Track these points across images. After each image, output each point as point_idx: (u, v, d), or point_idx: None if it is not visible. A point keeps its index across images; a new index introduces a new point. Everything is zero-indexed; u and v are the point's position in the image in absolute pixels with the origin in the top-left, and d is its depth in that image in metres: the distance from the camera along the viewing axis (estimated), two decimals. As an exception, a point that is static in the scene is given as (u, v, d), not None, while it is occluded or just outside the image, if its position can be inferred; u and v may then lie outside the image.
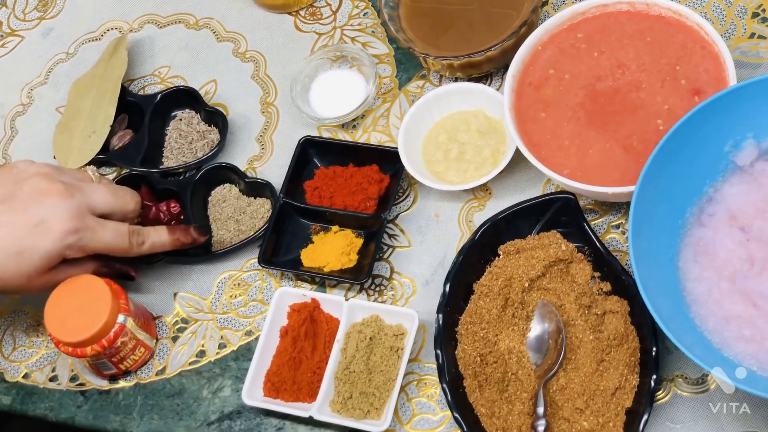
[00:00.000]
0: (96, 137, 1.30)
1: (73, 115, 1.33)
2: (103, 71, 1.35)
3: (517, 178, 1.18)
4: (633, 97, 1.11)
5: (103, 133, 1.30)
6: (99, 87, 1.33)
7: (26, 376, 1.20)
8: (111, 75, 1.33)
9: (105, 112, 1.30)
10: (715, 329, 0.99)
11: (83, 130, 1.31)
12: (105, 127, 1.30)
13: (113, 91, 1.31)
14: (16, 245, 1.07)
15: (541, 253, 1.09)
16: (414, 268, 1.16)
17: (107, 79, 1.33)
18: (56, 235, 1.07)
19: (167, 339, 1.18)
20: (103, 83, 1.33)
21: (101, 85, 1.33)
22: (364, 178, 1.20)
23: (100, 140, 1.30)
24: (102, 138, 1.29)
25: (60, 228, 1.08)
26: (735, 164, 1.04)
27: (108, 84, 1.32)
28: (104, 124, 1.30)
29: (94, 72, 1.36)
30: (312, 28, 1.34)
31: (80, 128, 1.31)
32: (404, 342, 1.10)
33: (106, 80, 1.33)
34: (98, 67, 1.36)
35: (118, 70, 1.33)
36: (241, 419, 1.12)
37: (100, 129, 1.30)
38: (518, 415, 1.03)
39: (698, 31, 1.11)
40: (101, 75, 1.34)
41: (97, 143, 1.30)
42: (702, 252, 1.02)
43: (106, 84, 1.33)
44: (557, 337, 1.05)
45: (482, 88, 1.20)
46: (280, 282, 1.18)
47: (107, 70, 1.34)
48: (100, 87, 1.33)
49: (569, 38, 1.15)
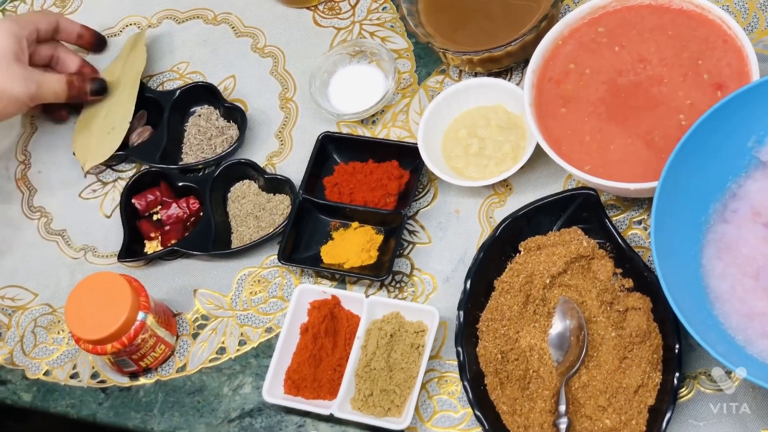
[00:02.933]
0: (115, 134, 1.30)
1: (93, 113, 1.33)
2: (121, 68, 1.34)
3: (537, 173, 1.17)
4: (655, 92, 1.10)
5: (122, 129, 1.29)
6: (118, 84, 1.33)
7: (47, 373, 1.20)
8: (130, 71, 1.33)
9: (124, 109, 1.30)
10: (738, 326, 0.98)
11: (102, 127, 1.31)
12: (124, 124, 1.29)
13: (132, 88, 1.31)
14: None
15: (562, 249, 1.08)
16: (434, 264, 1.16)
17: (126, 76, 1.33)
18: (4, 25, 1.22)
19: (187, 336, 1.18)
20: (121, 80, 1.33)
21: (120, 82, 1.33)
22: (383, 173, 1.19)
23: (119, 137, 1.29)
24: (121, 135, 1.29)
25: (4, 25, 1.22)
26: (758, 159, 1.03)
27: (127, 81, 1.32)
28: (123, 120, 1.30)
29: (113, 68, 1.36)
30: (331, 23, 1.34)
31: (99, 125, 1.31)
32: (425, 339, 1.09)
33: (125, 77, 1.33)
34: (117, 64, 1.36)
35: (138, 67, 1.32)
36: (262, 416, 1.12)
37: (119, 125, 1.30)
38: (540, 412, 1.02)
39: (720, 24, 1.10)
40: (120, 71, 1.34)
41: (116, 140, 1.29)
42: (725, 248, 1.01)
43: (125, 81, 1.33)
44: (579, 334, 1.05)
45: (502, 83, 1.19)
46: (300, 279, 1.18)
47: (126, 67, 1.34)
48: (119, 84, 1.33)
49: (590, 32, 1.15)
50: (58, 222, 1.30)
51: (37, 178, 1.34)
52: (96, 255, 1.26)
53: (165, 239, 1.23)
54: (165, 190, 1.26)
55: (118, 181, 1.31)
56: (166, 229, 1.24)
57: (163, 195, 1.26)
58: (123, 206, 1.25)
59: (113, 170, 1.32)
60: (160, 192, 1.26)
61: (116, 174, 1.31)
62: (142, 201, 1.26)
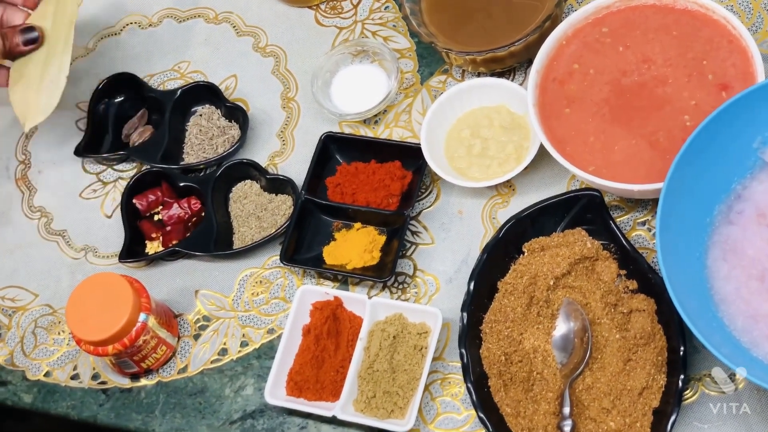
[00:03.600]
0: (54, 88, 1.22)
1: (26, 60, 1.23)
2: (53, 13, 1.23)
3: (541, 174, 1.16)
4: (659, 93, 1.09)
5: (60, 85, 1.21)
6: (50, 32, 1.23)
7: (48, 374, 1.19)
8: (62, 18, 1.23)
9: (60, 61, 1.22)
10: (743, 328, 0.98)
11: (40, 78, 1.23)
12: (61, 79, 1.21)
13: (66, 39, 1.22)
14: None
15: (566, 250, 1.07)
16: (437, 265, 1.15)
17: (58, 23, 1.23)
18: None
19: (189, 337, 1.18)
20: (54, 27, 1.23)
21: (53, 30, 1.23)
22: (386, 174, 1.19)
23: (57, 93, 1.22)
24: (59, 91, 1.21)
25: None
26: (764, 161, 1.03)
27: (59, 28, 1.22)
28: (61, 72, 1.21)
29: (42, 11, 1.24)
30: (333, 22, 1.33)
31: (35, 76, 1.23)
32: (428, 340, 1.09)
33: (57, 24, 1.23)
34: (46, 7, 1.24)
35: (69, 14, 1.23)
36: (264, 418, 1.11)
37: (56, 79, 1.22)
38: (544, 414, 1.02)
39: (725, 25, 1.10)
40: (52, 16, 1.23)
41: (55, 96, 1.22)
42: (730, 250, 1.01)
43: (58, 29, 1.23)
44: (583, 336, 1.04)
45: (505, 83, 1.19)
46: (302, 280, 1.18)
47: (57, 13, 1.23)
48: (52, 31, 1.23)
49: (594, 33, 1.14)
50: (59, 222, 1.29)
51: (37, 178, 1.34)
52: (97, 255, 1.25)
53: (166, 240, 1.23)
54: (166, 191, 1.25)
55: (119, 181, 1.30)
56: (168, 229, 1.23)
57: (165, 195, 1.25)
58: (124, 206, 1.25)
59: (114, 170, 1.31)
60: (161, 192, 1.25)
61: (117, 174, 1.31)
62: (143, 201, 1.25)
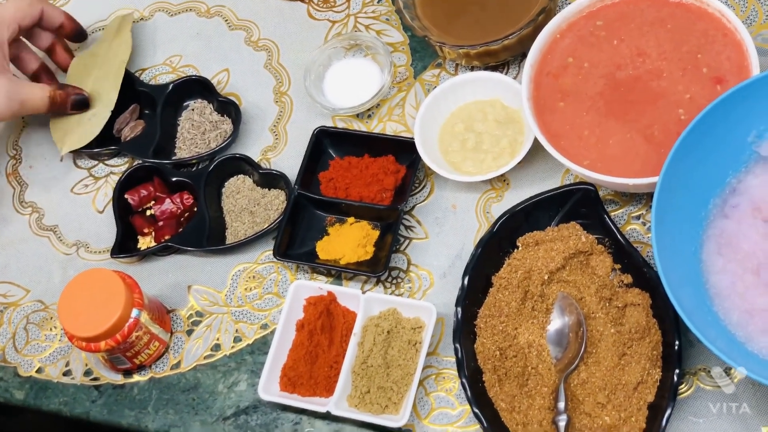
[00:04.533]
0: (96, 120, 1.27)
1: None
2: (106, 51, 1.31)
3: (535, 168, 1.16)
4: (654, 86, 1.09)
5: (104, 116, 1.27)
6: (101, 67, 1.30)
7: (40, 370, 1.19)
8: (114, 58, 1.30)
9: (107, 96, 1.28)
10: (739, 323, 0.98)
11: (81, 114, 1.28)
12: (106, 111, 1.27)
13: (116, 75, 1.28)
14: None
15: (560, 245, 1.07)
16: (431, 260, 1.15)
17: (110, 62, 1.30)
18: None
19: (182, 333, 1.17)
20: (105, 64, 1.30)
21: (103, 67, 1.30)
22: (379, 168, 1.18)
23: (100, 123, 1.27)
24: (102, 121, 1.27)
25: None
26: (758, 155, 1.03)
27: (111, 67, 1.30)
28: (105, 107, 1.27)
29: (96, 51, 1.33)
30: (325, 15, 1.33)
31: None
32: (422, 335, 1.09)
33: (109, 62, 1.30)
34: (101, 46, 1.33)
35: (122, 55, 1.30)
36: (258, 414, 1.11)
37: (101, 112, 1.27)
38: (539, 409, 1.02)
39: (719, 18, 1.09)
40: (104, 55, 1.31)
41: (97, 126, 1.27)
42: (725, 244, 1.00)
43: (109, 66, 1.30)
44: (578, 331, 1.04)
45: (499, 77, 1.18)
46: (295, 275, 1.17)
47: (110, 51, 1.31)
48: (102, 68, 1.30)
49: (588, 26, 1.14)
50: (50, 217, 1.28)
51: (28, 174, 1.33)
52: (88, 251, 1.25)
53: (158, 235, 1.22)
54: (158, 186, 1.24)
55: (111, 176, 1.29)
56: (160, 224, 1.23)
57: (157, 190, 1.24)
58: (116, 202, 1.24)
59: (105, 165, 1.30)
60: (154, 187, 1.25)
61: (108, 169, 1.30)
62: (135, 196, 1.25)
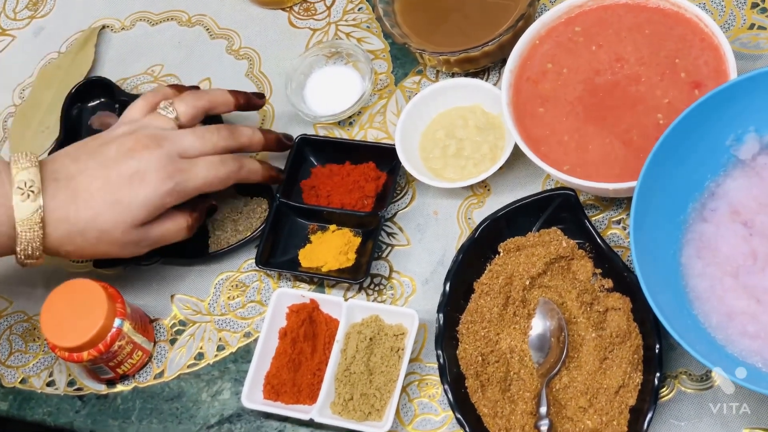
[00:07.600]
0: (48, 133, 1.28)
1: (33, 104, 1.32)
2: (69, 64, 1.32)
3: (516, 174, 1.16)
4: (632, 91, 1.10)
5: (54, 131, 1.28)
6: (62, 81, 1.31)
7: (23, 381, 1.18)
8: (75, 72, 1.31)
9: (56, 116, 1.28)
10: (718, 326, 0.98)
11: (39, 123, 1.30)
12: (57, 126, 1.28)
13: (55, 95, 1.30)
14: (112, 195, 1.06)
15: (541, 250, 1.07)
16: (413, 266, 1.15)
17: (71, 75, 1.31)
18: (152, 184, 1.06)
19: (165, 342, 1.17)
20: (66, 78, 1.31)
21: (64, 80, 1.31)
22: (360, 175, 1.19)
23: (51, 137, 1.28)
24: (53, 136, 1.27)
25: (155, 177, 1.06)
26: (737, 158, 1.03)
27: (71, 80, 1.30)
28: (57, 122, 1.28)
29: (60, 63, 1.34)
30: (306, 24, 1.33)
31: (36, 120, 1.30)
32: (405, 342, 1.09)
33: (70, 76, 1.31)
34: (65, 59, 1.34)
35: (83, 68, 1.30)
36: (241, 422, 1.11)
37: (53, 126, 1.28)
38: (521, 414, 1.02)
39: (697, 23, 1.10)
40: (66, 68, 1.32)
41: (48, 140, 1.28)
42: (704, 247, 1.01)
43: (70, 79, 1.30)
44: (559, 335, 1.04)
45: (479, 83, 1.19)
46: (278, 283, 1.17)
47: (73, 65, 1.32)
48: (63, 82, 1.31)
49: (567, 32, 1.14)
50: (33, 228, 1.28)
51: (10, 184, 1.33)
52: (72, 261, 1.24)
53: (141, 244, 1.22)
54: (141, 195, 1.24)
55: (93, 186, 1.29)
56: (142, 234, 1.23)
57: (139, 199, 1.24)
58: (98, 211, 1.24)
59: (88, 175, 1.30)
60: (136, 196, 1.25)
61: (91, 178, 1.30)
62: (118, 206, 1.25)
